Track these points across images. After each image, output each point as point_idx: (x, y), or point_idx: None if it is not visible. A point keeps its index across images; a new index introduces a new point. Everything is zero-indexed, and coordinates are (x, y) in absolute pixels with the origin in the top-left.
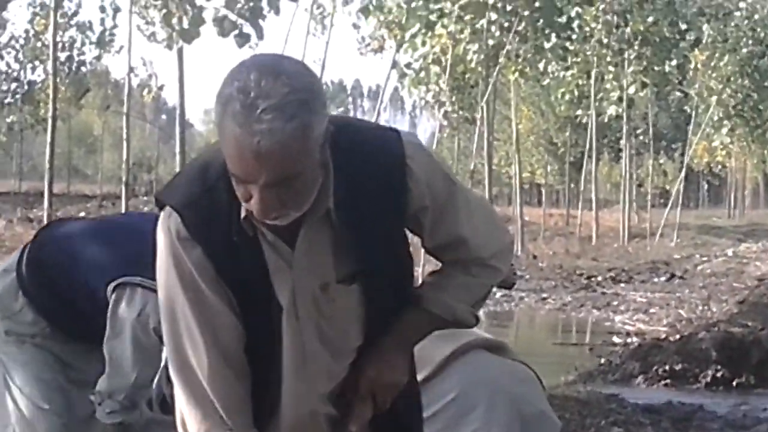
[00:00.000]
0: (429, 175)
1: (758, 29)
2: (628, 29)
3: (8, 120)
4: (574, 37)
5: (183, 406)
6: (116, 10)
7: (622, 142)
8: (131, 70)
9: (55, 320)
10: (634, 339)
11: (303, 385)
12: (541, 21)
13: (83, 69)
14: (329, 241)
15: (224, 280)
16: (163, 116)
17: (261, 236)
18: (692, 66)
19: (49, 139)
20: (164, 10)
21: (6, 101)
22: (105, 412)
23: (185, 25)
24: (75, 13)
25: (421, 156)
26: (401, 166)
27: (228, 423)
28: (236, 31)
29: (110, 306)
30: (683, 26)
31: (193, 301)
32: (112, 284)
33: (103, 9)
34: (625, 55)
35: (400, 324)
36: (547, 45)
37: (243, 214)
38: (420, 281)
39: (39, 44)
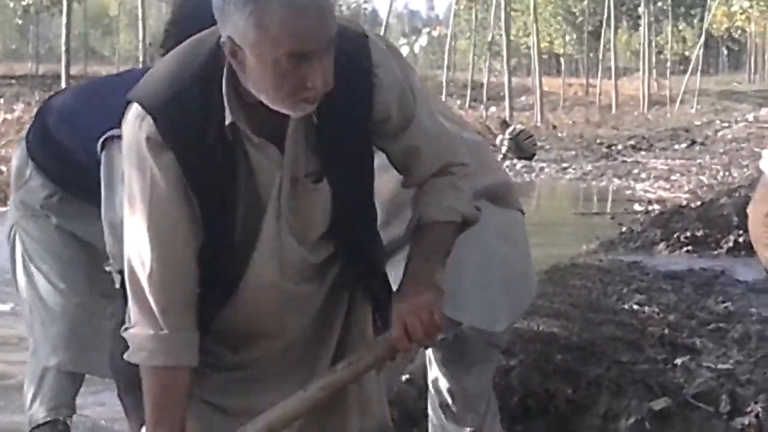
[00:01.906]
0: (394, 85)
1: None
2: None
3: (23, 2)
4: None
5: (128, 295)
6: None
7: (641, 9)
8: None
9: (61, 183)
10: (656, 206)
11: (276, 271)
12: None
13: None
14: (304, 140)
15: (190, 185)
16: None
17: (244, 141)
18: None
19: (64, 21)
20: None
21: None
22: (116, 271)
23: None
24: None
25: (388, 64)
26: (368, 75)
27: (161, 323)
28: None
29: (102, 163)
30: None
31: (151, 205)
32: (101, 140)
33: None
34: None
35: (419, 248)
36: None
37: (229, 119)
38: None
39: None
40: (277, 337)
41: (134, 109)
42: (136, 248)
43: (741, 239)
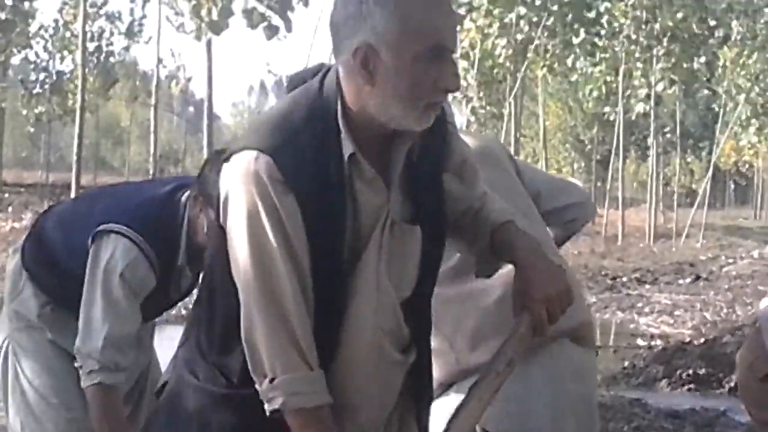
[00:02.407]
0: (459, 138)
1: None
2: (656, 25)
3: (36, 110)
4: (602, 32)
5: (261, 345)
6: (146, 0)
7: (650, 139)
8: (160, 61)
9: (53, 294)
10: (659, 342)
11: (374, 317)
12: (570, 16)
13: (112, 59)
14: (403, 180)
15: (306, 223)
16: (191, 108)
17: (354, 177)
18: (721, 63)
19: (77, 131)
20: (194, 2)
21: (34, 91)
22: (85, 373)
23: (214, 16)
24: (104, 3)
25: (453, 120)
26: (444, 123)
27: (309, 361)
28: (265, 23)
29: (90, 255)
30: (712, 23)
31: (283, 242)
32: (90, 238)
33: None
34: (654, 52)
35: (513, 238)
36: (575, 40)
37: (349, 150)
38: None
39: (68, 34)
40: (361, 411)
41: (244, 153)
42: (271, 289)
43: None
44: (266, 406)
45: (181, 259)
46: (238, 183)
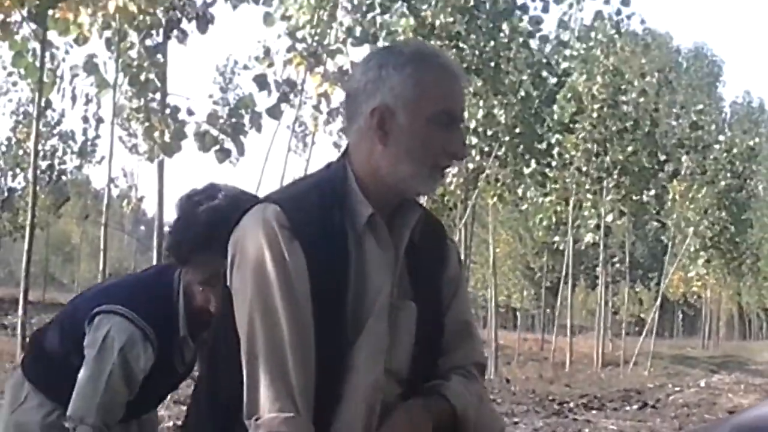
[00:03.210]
0: (456, 255)
1: (736, 162)
2: (607, 158)
3: None
4: (553, 163)
5: (256, 388)
6: (99, 121)
7: (599, 269)
8: (111, 180)
9: (58, 398)
10: None
11: (374, 375)
12: (521, 146)
13: (64, 178)
14: (406, 257)
15: (312, 277)
16: (142, 227)
17: (366, 238)
18: (670, 196)
19: (26, 247)
20: (146, 124)
21: None
22: None
23: (167, 138)
24: (58, 123)
25: (453, 241)
26: (446, 239)
27: (298, 405)
28: (217, 147)
29: (87, 332)
30: (662, 157)
31: (285, 285)
32: (86, 323)
33: (86, 119)
34: (604, 184)
35: (422, 403)
36: (526, 170)
37: (369, 211)
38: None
39: (20, 152)
40: None
41: (255, 207)
42: (270, 329)
43: None
44: None
45: (182, 329)
46: (248, 231)
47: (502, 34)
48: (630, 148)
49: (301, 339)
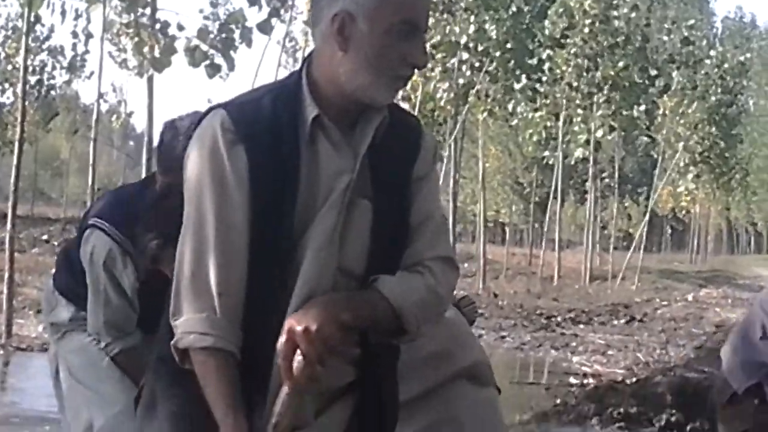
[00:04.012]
0: (432, 155)
1: (727, 78)
2: (598, 73)
3: None
4: (544, 79)
5: (180, 286)
6: (88, 36)
7: (588, 184)
8: (101, 95)
9: (79, 300)
10: (591, 380)
11: (319, 267)
12: (512, 62)
13: (53, 93)
14: (369, 158)
15: (256, 178)
16: (131, 143)
17: (319, 139)
18: (660, 112)
19: (15, 162)
20: (136, 39)
21: None
22: (105, 346)
23: (157, 53)
24: (47, 38)
25: (431, 141)
26: (418, 137)
27: (216, 306)
28: (207, 62)
29: (81, 245)
30: (653, 72)
31: (217, 190)
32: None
33: (75, 34)
34: (594, 99)
35: (345, 292)
36: (516, 86)
37: (314, 113)
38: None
39: (9, 67)
40: None
41: (207, 114)
42: (197, 231)
43: (673, 418)
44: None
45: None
46: (195, 138)
47: None
48: (621, 64)
49: (226, 241)
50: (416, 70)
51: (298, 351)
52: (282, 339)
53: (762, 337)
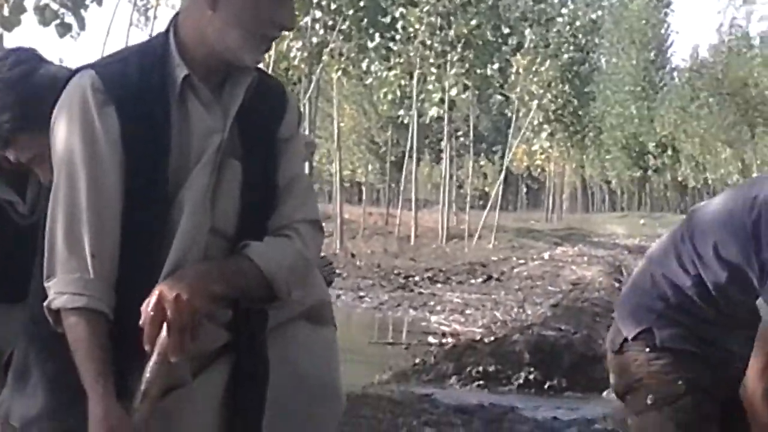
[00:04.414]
0: (296, 116)
1: (579, 36)
2: (451, 32)
3: None
4: (397, 37)
5: (53, 247)
6: None
7: (443, 143)
8: None
9: None
10: (449, 339)
11: (193, 226)
12: (365, 20)
13: None
14: (238, 118)
15: (127, 138)
16: None
17: (188, 98)
18: (514, 70)
19: None
20: None
21: None
22: None
23: (5, 12)
24: None
25: (294, 101)
26: (284, 99)
27: (88, 267)
28: (57, 21)
29: None
30: (506, 30)
31: (87, 150)
32: None
33: None
34: (448, 58)
35: (215, 260)
36: (370, 44)
37: (184, 72)
38: None
39: None
40: None
41: (75, 75)
42: (69, 193)
43: (531, 376)
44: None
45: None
46: (63, 99)
47: None
48: (474, 22)
49: (99, 202)
50: (284, 32)
51: (166, 319)
52: (150, 302)
53: (651, 285)
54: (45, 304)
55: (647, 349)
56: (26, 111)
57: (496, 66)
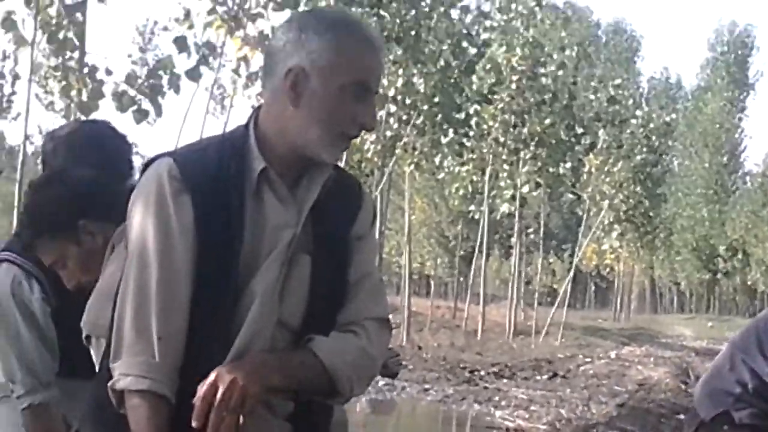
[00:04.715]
0: (371, 215)
1: (653, 137)
2: (524, 129)
3: None
4: (471, 133)
5: (121, 334)
6: (15, 77)
7: (513, 239)
8: (27, 137)
9: None
10: None
11: (261, 320)
12: (440, 116)
13: None
14: (312, 214)
15: (201, 228)
16: None
17: (265, 192)
18: (586, 169)
19: None
20: (64, 82)
21: None
22: (16, 399)
23: (84, 98)
24: None
25: (370, 201)
26: (359, 197)
27: (155, 350)
28: (135, 107)
29: None
30: (579, 130)
31: (159, 241)
32: None
33: (2, 75)
34: (521, 155)
35: (278, 351)
36: (444, 140)
37: (261, 165)
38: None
39: None
40: None
41: (154, 162)
42: (140, 276)
43: None
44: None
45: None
46: (140, 185)
47: (423, 3)
48: (548, 121)
49: (169, 287)
50: (363, 131)
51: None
52: (206, 382)
53: (730, 369)
54: (109, 384)
55: (725, 427)
56: (37, 218)
57: (568, 165)
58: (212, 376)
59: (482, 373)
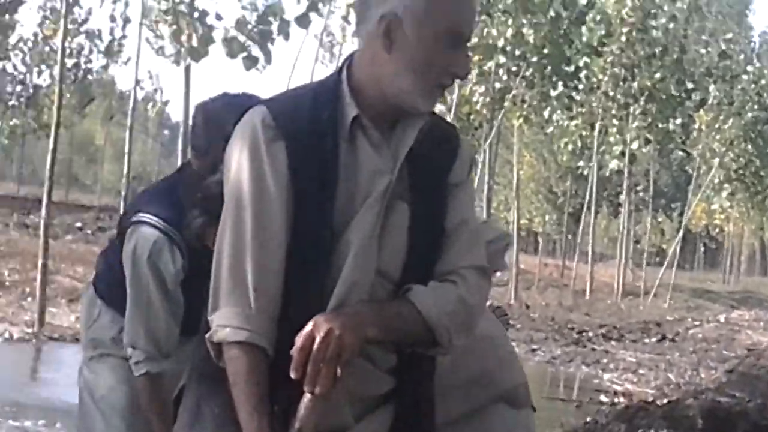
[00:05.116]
0: (468, 163)
1: (764, 94)
2: (635, 84)
3: (11, 123)
4: (580, 87)
5: (218, 285)
6: (126, 21)
7: (622, 197)
8: (137, 82)
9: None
10: (622, 399)
11: (359, 269)
12: (549, 68)
13: (89, 77)
14: (408, 162)
15: (295, 176)
16: (166, 131)
17: (358, 139)
18: (696, 126)
19: (51, 146)
20: (174, 27)
21: (10, 104)
22: (133, 364)
23: (194, 43)
24: (85, 21)
25: (468, 149)
26: (456, 145)
27: (251, 302)
28: (244, 53)
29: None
30: (690, 85)
31: (256, 186)
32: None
33: (113, 19)
34: (630, 110)
35: (375, 301)
36: (553, 93)
37: (354, 112)
38: None
39: (47, 49)
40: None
41: (248, 111)
42: (235, 228)
43: None
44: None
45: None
46: (236, 133)
47: None
48: (658, 75)
49: (264, 237)
50: (457, 80)
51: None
52: (303, 333)
53: None
54: (207, 336)
55: None
56: (212, 207)
57: (678, 121)
58: (309, 326)
59: (590, 334)
